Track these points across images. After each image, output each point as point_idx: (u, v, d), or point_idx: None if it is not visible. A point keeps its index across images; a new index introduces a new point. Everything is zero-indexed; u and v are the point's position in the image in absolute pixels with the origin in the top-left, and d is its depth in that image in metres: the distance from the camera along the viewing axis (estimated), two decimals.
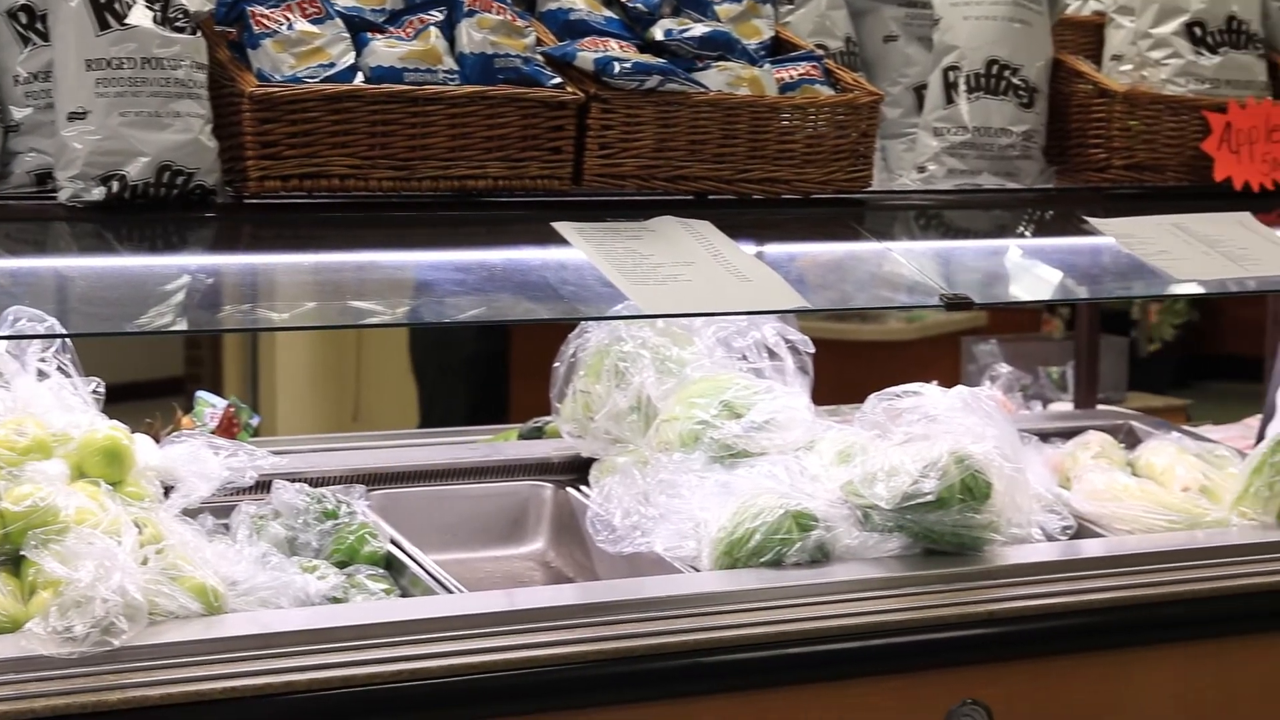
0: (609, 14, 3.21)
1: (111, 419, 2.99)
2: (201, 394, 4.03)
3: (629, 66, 3.03)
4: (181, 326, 2.92)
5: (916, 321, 9.32)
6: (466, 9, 3.01)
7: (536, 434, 4.00)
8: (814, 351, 3.59)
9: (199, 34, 2.84)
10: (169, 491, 3.02)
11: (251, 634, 2.63)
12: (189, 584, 2.67)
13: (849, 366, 7.49)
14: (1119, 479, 3.53)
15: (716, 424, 3.34)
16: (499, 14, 3.03)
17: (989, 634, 2.99)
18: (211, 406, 3.96)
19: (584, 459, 3.62)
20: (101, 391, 3.04)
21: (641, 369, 3.54)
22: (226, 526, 3.10)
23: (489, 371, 8.81)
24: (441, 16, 3.02)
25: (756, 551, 3.01)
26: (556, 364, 3.67)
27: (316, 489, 3.21)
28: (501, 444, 3.95)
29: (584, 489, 3.52)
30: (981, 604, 2.99)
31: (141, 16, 2.77)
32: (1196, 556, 3.22)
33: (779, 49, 3.36)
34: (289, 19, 2.89)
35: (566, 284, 2.95)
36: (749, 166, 3.17)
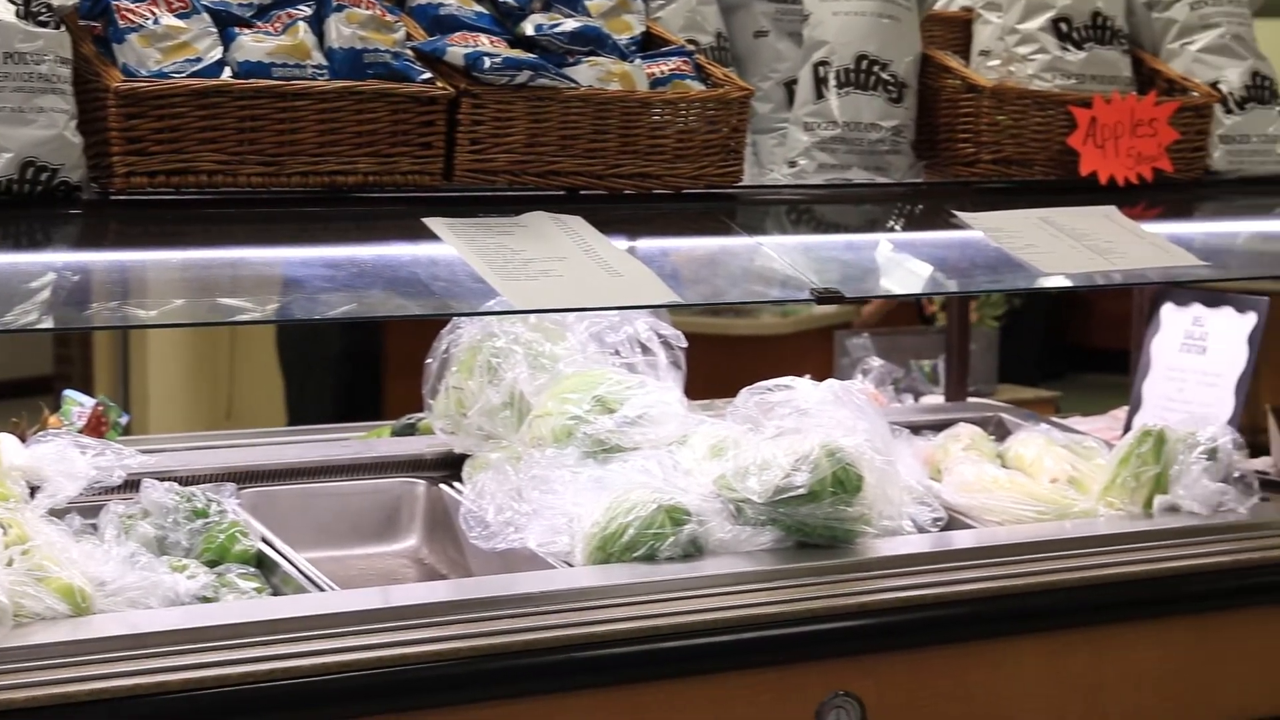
0: (479, 9, 3.19)
1: None
2: (69, 393, 3.98)
3: (499, 62, 3.02)
4: (47, 325, 2.87)
5: (790, 316, 9.37)
6: (335, 4, 2.98)
7: (409, 431, 3.99)
8: (687, 346, 3.61)
9: (63, 28, 2.80)
10: (35, 491, 2.99)
11: (121, 634, 2.60)
12: (55, 585, 2.64)
13: (723, 361, 7.52)
14: (989, 471, 3.57)
15: (589, 419, 3.34)
16: (368, 9, 3.01)
17: (861, 626, 3.01)
18: (79, 405, 3.91)
19: (457, 455, 3.61)
20: None
21: (514, 365, 3.54)
22: (95, 527, 3.06)
23: (359, 368, 8.78)
24: (310, 11, 2.99)
25: (630, 546, 3.01)
26: (429, 360, 3.66)
27: (186, 488, 3.18)
28: (374, 441, 3.94)
29: (457, 485, 3.51)
30: (853, 596, 3.02)
31: (3, 11, 2.73)
32: (1065, 546, 3.27)
33: (650, 44, 3.36)
34: (155, 13, 2.85)
35: (438, 280, 2.94)
36: (620, 162, 3.16)
